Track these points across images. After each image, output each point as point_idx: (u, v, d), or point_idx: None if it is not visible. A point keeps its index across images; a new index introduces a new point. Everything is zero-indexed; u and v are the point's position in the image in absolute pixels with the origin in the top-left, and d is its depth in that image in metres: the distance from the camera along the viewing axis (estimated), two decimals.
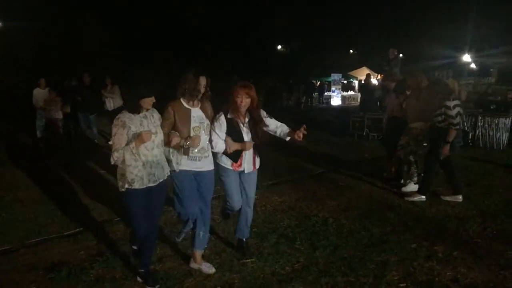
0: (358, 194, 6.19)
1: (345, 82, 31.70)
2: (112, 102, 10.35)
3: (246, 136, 3.91)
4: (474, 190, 6.27)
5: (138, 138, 3.28)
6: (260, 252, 4.25)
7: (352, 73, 30.86)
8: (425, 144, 6.10)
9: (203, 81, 3.70)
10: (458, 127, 5.53)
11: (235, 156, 3.89)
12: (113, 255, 4.21)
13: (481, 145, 9.88)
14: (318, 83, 29.96)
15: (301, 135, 3.88)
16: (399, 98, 6.51)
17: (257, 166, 4.08)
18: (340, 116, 15.43)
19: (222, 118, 3.85)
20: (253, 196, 4.16)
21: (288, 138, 4.06)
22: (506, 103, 11.81)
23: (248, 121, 3.93)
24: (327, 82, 29.77)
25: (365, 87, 15.17)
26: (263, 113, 4.01)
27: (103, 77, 10.69)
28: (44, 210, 5.59)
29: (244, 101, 3.79)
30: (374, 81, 15.47)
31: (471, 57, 28.41)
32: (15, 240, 4.63)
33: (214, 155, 3.93)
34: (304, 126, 3.89)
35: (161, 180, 3.54)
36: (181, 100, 3.70)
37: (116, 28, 26.46)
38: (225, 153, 3.88)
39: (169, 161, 3.63)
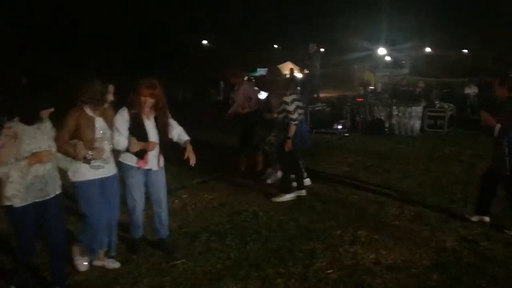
0: None
1: None
2: None
3: (152, 132, 3.84)
4: (391, 175, 6.71)
5: (36, 157, 3.04)
6: (191, 252, 4.19)
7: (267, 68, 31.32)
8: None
9: (111, 89, 3.57)
10: (297, 122, 5.49)
11: (140, 154, 3.80)
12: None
13: (396, 132, 10.58)
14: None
15: (191, 159, 3.96)
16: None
17: (161, 164, 4.00)
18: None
19: (126, 114, 3.74)
20: (164, 197, 4.10)
21: (183, 145, 4.06)
22: (417, 93, 12.75)
23: (154, 118, 3.87)
24: (253, 77, 30.07)
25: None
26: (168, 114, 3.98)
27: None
28: None
29: (148, 101, 3.74)
30: (298, 75, 15.88)
31: (386, 49, 30.18)
32: None
33: (116, 154, 3.82)
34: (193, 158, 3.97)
35: (52, 196, 3.27)
36: (84, 108, 3.50)
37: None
38: (128, 151, 3.77)
39: (67, 171, 3.48)
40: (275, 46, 42.84)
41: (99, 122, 3.57)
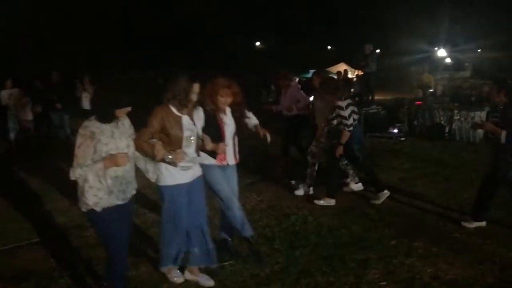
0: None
1: None
2: (89, 100, 10.06)
3: (227, 129, 3.80)
4: (451, 184, 6.30)
5: (111, 160, 2.83)
6: (239, 254, 4.12)
7: (330, 69, 30.95)
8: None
9: (196, 88, 3.44)
10: (351, 128, 5.33)
11: (213, 154, 3.74)
12: (83, 262, 4.03)
13: (457, 139, 9.98)
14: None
15: (267, 136, 3.88)
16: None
17: (238, 159, 3.96)
18: None
19: (201, 113, 3.67)
20: (237, 191, 4.02)
21: (253, 129, 4.03)
22: (481, 97, 11.98)
23: (231, 114, 3.83)
24: (305, 78, 29.82)
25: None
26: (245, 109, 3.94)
27: (75, 76, 10.43)
28: (12, 216, 5.35)
29: (227, 100, 3.71)
30: (351, 76, 15.53)
31: (446, 51, 28.86)
32: None
33: None
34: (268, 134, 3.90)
35: (129, 198, 3.13)
36: (170, 106, 3.39)
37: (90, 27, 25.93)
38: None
39: (145, 172, 3.30)
40: (329, 47, 42.26)
41: (186, 120, 3.43)
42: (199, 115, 3.66)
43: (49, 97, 10.02)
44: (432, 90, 12.53)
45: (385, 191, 5.52)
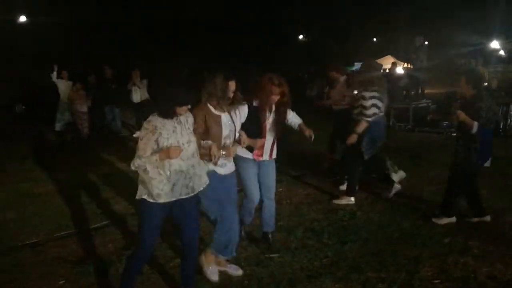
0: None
1: None
2: (139, 94, 10.38)
3: (269, 127, 3.86)
4: (508, 181, 6.02)
5: (165, 152, 2.89)
6: (287, 247, 4.17)
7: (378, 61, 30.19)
8: None
9: (232, 86, 3.49)
10: (369, 119, 5.13)
11: (250, 149, 3.82)
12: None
13: None
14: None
15: (311, 135, 4.01)
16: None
17: (274, 156, 4.03)
18: None
19: (246, 109, 3.75)
20: (273, 186, 4.09)
21: (297, 128, 4.13)
22: None
23: (274, 111, 3.87)
24: (350, 71, 29.27)
25: (390, 76, 14.80)
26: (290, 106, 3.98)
27: (125, 71, 10.79)
28: (71, 204, 5.65)
29: (276, 98, 3.77)
30: (399, 70, 15.05)
31: (499, 43, 27.42)
32: (43, 234, 4.70)
33: None
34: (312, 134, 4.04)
35: (196, 192, 3.16)
36: (209, 105, 3.43)
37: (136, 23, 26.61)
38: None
39: None
40: (374, 39, 41.18)
41: (225, 119, 3.46)
42: (244, 111, 3.73)
43: (103, 91, 10.45)
44: (487, 84, 11.96)
45: (396, 185, 5.46)
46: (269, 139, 3.92)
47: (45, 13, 22.19)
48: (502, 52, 27.43)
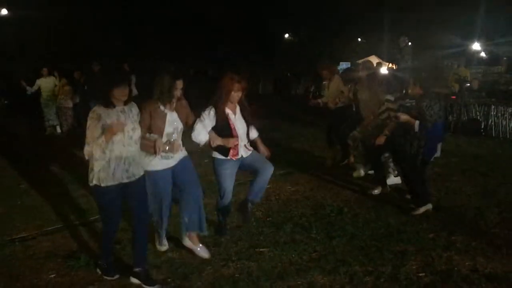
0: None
1: None
2: None
3: (240, 126, 3.95)
4: (489, 180, 6.21)
5: (109, 130, 3.08)
6: (277, 241, 4.24)
7: (361, 61, 30.45)
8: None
9: (180, 85, 3.61)
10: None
11: (224, 150, 3.90)
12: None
13: (493, 135, 9.77)
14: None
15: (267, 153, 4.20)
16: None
17: (250, 149, 4.11)
18: None
19: (212, 113, 3.84)
20: (267, 161, 4.11)
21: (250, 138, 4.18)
22: None
23: (240, 110, 3.98)
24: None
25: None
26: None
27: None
28: (61, 199, 5.63)
29: (239, 96, 3.86)
30: (384, 70, 15.26)
31: (480, 45, 27.97)
32: (32, 228, 4.67)
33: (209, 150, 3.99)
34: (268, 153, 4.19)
35: (137, 177, 3.40)
36: (159, 102, 3.59)
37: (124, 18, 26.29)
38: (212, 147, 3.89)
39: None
40: (359, 39, 41.54)
41: (171, 116, 3.63)
42: (210, 115, 3.83)
43: (89, 87, 10.36)
44: (469, 84, 12.25)
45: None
46: (243, 137, 3.99)
47: (26, 6, 21.76)
48: (483, 54, 27.99)
